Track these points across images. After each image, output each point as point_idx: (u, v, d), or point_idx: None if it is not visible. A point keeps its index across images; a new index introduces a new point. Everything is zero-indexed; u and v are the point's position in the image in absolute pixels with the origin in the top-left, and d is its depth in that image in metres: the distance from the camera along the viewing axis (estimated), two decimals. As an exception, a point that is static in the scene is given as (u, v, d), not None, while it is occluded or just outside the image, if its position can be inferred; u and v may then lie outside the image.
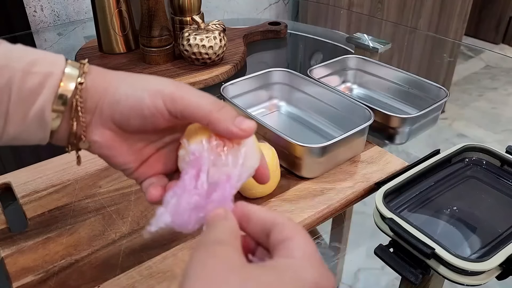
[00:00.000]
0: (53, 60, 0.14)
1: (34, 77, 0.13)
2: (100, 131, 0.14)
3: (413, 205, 0.24)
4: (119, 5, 0.39)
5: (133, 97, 0.14)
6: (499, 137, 0.53)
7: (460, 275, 0.19)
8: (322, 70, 0.34)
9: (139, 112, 0.14)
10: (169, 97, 0.13)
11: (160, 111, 0.14)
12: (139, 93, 0.14)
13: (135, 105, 0.14)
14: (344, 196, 0.24)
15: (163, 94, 0.14)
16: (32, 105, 0.13)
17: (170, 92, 0.14)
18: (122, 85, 0.14)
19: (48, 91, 0.13)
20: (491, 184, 0.25)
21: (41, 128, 0.14)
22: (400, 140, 0.29)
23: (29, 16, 0.47)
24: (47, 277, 0.20)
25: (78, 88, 0.13)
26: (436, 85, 0.31)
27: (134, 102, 0.14)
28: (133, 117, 0.14)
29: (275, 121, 0.32)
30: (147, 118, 0.14)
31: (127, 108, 0.14)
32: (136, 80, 0.14)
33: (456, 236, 0.22)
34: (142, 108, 0.14)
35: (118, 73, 0.15)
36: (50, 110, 0.13)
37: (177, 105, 0.13)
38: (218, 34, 0.37)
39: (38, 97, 0.13)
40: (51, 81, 0.13)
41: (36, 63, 0.13)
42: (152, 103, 0.13)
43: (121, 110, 0.14)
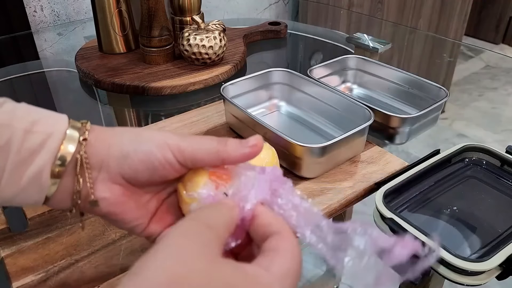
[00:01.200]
0: (55, 120, 0.13)
1: (35, 137, 0.13)
2: (108, 187, 0.14)
3: (413, 205, 0.24)
4: (119, 5, 0.39)
5: (142, 151, 0.14)
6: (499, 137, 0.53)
7: (460, 275, 0.19)
8: (322, 70, 0.34)
9: (149, 165, 0.14)
10: (176, 148, 0.14)
11: (170, 162, 0.14)
12: (146, 147, 0.14)
13: (144, 159, 0.14)
14: (344, 196, 0.24)
15: (170, 146, 0.14)
16: (30, 166, 0.13)
17: (176, 144, 0.14)
18: (126, 140, 0.14)
19: (47, 151, 0.13)
20: (491, 184, 0.25)
21: (38, 190, 0.13)
22: (400, 140, 0.29)
23: (29, 16, 0.47)
24: (47, 277, 0.20)
25: (83, 144, 0.13)
26: (436, 85, 0.31)
27: (143, 156, 0.14)
28: (142, 171, 0.14)
29: (275, 121, 0.32)
30: (157, 171, 0.14)
31: (136, 162, 0.14)
32: (138, 134, 0.14)
33: (456, 236, 0.22)
34: (152, 161, 0.14)
35: (118, 128, 0.14)
36: (49, 170, 0.13)
37: (185, 155, 0.14)
38: (218, 34, 0.37)
39: (36, 158, 0.13)
40: (52, 141, 0.13)
41: (38, 123, 0.13)
42: (162, 156, 0.14)
43: (130, 164, 0.14)
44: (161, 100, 0.36)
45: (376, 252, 0.12)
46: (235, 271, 0.10)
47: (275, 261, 0.11)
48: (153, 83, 0.35)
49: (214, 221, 0.11)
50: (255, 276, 0.10)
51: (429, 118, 0.30)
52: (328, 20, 0.67)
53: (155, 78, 0.36)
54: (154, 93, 0.35)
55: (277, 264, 0.11)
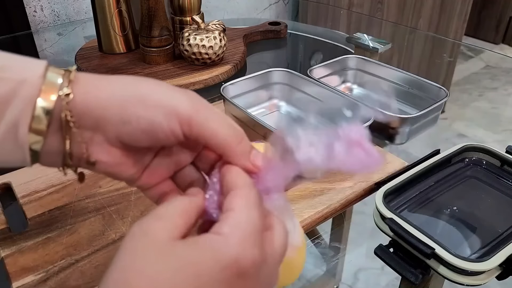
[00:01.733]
0: (30, 65, 0.11)
1: (2, 84, 0.10)
2: (106, 150, 0.12)
3: (413, 205, 0.24)
4: (119, 5, 0.38)
5: (146, 119, 0.11)
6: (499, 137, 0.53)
7: (460, 275, 0.19)
8: (322, 70, 0.34)
9: (152, 136, 0.12)
10: (186, 122, 0.11)
11: (176, 134, 0.12)
12: (152, 115, 0.11)
13: (148, 129, 0.11)
14: (344, 196, 0.24)
15: (180, 117, 0.11)
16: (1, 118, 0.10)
17: (188, 117, 0.11)
18: (129, 102, 0.11)
19: (20, 101, 0.10)
20: (491, 184, 0.25)
21: (18, 148, 0.11)
22: (400, 140, 0.29)
23: (29, 16, 0.47)
24: (47, 277, 0.20)
25: (65, 100, 0.11)
26: (436, 85, 0.31)
27: (147, 126, 0.11)
28: (144, 139, 0.12)
29: (275, 121, 0.32)
30: (160, 141, 0.12)
31: (138, 132, 0.11)
32: (145, 94, 0.11)
33: (456, 236, 0.22)
34: (157, 132, 0.11)
35: (115, 78, 0.12)
36: (26, 126, 0.10)
37: (194, 131, 0.12)
38: (218, 34, 0.37)
39: (7, 110, 0.10)
40: (25, 89, 0.10)
41: (7, 68, 0.10)
42: (169, 128, 0.11)
43: (130, 132, 0.12)
44: (161, 100, 0.36)
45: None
46: (187, 248, 0.09)
47: (227, 221, 0.10)
48: (153, 83, 0.36)
49: (161, 211, 0.10)
50: (207, 244, 0.09)
51: (429, 118, 0.30)
52: (328, 20, 0.67)
53: (155, 78, 0.36)
54: (154, 93, 0.36)
55: (228, 224, 0.10)
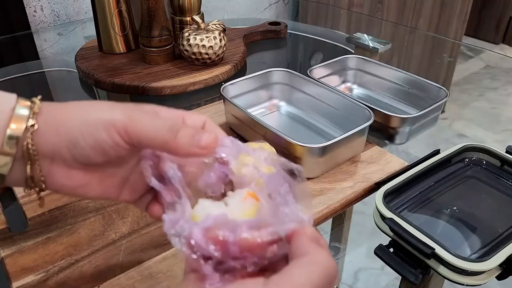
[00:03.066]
0: (2, 99, 0.13)
1: None
2: (66, 173, 0.13)
3: (413, 205, 0.24)
4: (119, 5, 0.38)
5: (90, 136, 0.13)
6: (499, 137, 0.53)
7: (460, 275, 0.19)
8: (322, 70, 0.34)
9: (99, 150, 0.13)
10: (122, 129, 0.13)
11: (119, 143, 0.13)
12: (94, 130, 0.13)
13: (94, 144, 0.13)
14: (344, 196, 0.24)
15: (116, 127, 0.13)
16: None
17: (123, 124, 0.13)
18: (75, 122, 0.13)
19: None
20: (491, 184, 0.25)
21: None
22: (400, 140, 0.29)
23: (29, 16, 0.47)
24: (47, 277, 0.20)
25: (30, 130, 0.12)
26: (436, 85, 0.31)
27: (92, 141, 0.13)
28: (95, 155, 0.13)
29: (275, 121, 0.32)
30: (110, 152, 0.13)
31: (86, 149, 0.13)
32: (87, 112, 0.13)
33: (456, 236, 0.22)
34: (102, 146, 0.13)
35: (67, 106, 0.13)
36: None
37: (132, 137, 0.13)
38: (218, 34, 0.37)
39: None
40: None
41: None
42: (110, 138, 0.13)
43: (81, 152, 0.13)
44: (161, 100, 0.35)
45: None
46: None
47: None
48: (153, 83, 0.35)
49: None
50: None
51: (429, 118, 0.30)
52: (328, 20, 0.67)
53: (155, 78, 0.36)
54: (154, 93, 0.35)
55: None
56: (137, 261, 0.20)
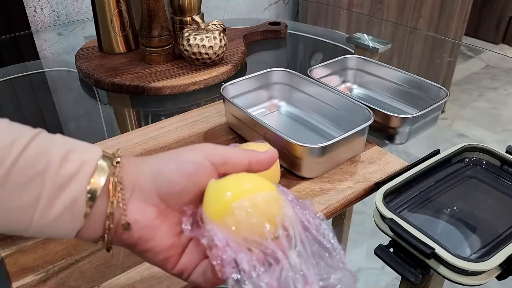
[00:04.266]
0: (90, 148, 0.14)
1: (71, 164, 0.13)
2: (141, 208, 0.14)
3: (413, 205, 0.24)
4: (119, 5, 0.38)
5: (173, 161, 0.14)
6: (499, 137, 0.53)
7: (460, 275, 0.19)
8: (322, 70, 0.34)
9: (182, 172, 0.14)
10: (207, 149, 0.14)
11: (203, 163, 0.14)
12: (177, 158, 0.14)
13: (178, 167, 0.14)
14: (344, 196, 0.24)
15: (200, 149, 0.14)
16: (65, 191, 0.13)
17: (206, 146, 0.15)
18: (156, 159, 0.14)
19: (82, 176, 0.13)
20: (491, 184, 0.25)
21: (72, 216, 0.13)
22: (400, 140, 0.29)
23: (29, 16, 0.47)
24: (47, 277, 0.20)
25: (117, 166, 0.14)
26: (436, 85, 0.31)
27: (175, 166, 0.14)
28: (177, 180, 0.14)
29: (275, 121, 0.32)
30: (191, 177, 0.14)
31: (169, 173, 0.14)
32: (167, 152, 0.15)
33: (456, 236, 0.22)
34: (185, 167, 0.14)
35: (147, 156, 0.15)
36: (84, 196, 0.13)
37: (218, 154, 0.14)
38: (218, 34, 0.37)
39: (72, 183, 0.13)
40: (87, 166, 0.13)
41: (73, 151, 0.13)
42: (194, 159, 0.14)
43: (164, 177, 0.14)
44: (161, 100, 0.35)
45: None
46: None
47: None
48: (153, 83, 0.35)
49: None
50: None
51: (429, 118, 0.30)
52: (328, 20, 0.67)
53: (155, 78, 0.36)
54: (154, 93, 0.35)
55: None
56: (137, 261, 0.20)
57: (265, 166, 0.15)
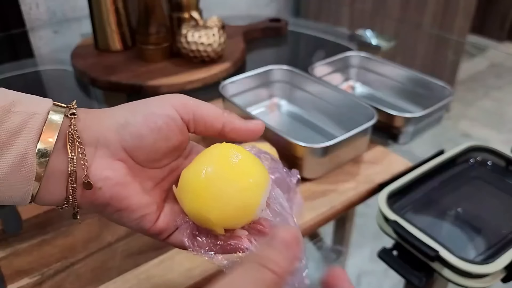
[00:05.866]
0: (38, 100, 0.12)
1: (15, 117, 0.11)
2: (109, 164, 0.12)
3: (417, 206, 0.23)
4: (116, 1, 0.38)
5: (142, 114, 0.12)
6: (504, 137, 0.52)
7: (464, 278, 0.19)
8: (324, 68, 0.33)
9: (152, 126, 0.12)
10: (179, 103, 0.13)
11: (173, 118, 0.12)
12: (146, 110, 0.12)
13: (146, 121, 0.12)
14: (346, 198, 0.24)
15: (172, 103, 0.13)
16: (10, 148, 0.11)
17: (179, 101, 0.13)
18: (121, 111, 0.13)
19: (30, 129, 0.11)
20: (496, 185, 0.25)
21: (22, 177, 0.11)
22: (404, 140, 0.29)
23: (24, 13, 0.46)
24: (43, 280, 0.19)
25: (72, 118, 0.12)
26: (441, 83, 0.31)
27: (144, 119, 0.12)
28: (146, 135, 0.12)
29: (275, 121, 0.31)
30: (161, 130, 0.12)
31: (137, 126, 0.12)
32: (134, 104, 0.13)
33: (461, 238, 0.22)
34: (155, 120, 0.12)
35: (109, 108, 0.13)
36: (34, 152, 0.11)
37: (188, 109, 0.13)
38: (217, 31, 0.36)
39: (17, 139, 0.11)
40: (35, 119, 0.11)
41: (18, 103, 0.11)
42: (165, 113, 0.12)
43: (131, 131, 0.12)
44: (159, 98, 0.35)
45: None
46: None
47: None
48: (150, 82, 0.35)
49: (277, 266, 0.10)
50: None
51: (434, 117, 0.30)
52: (330, 16, 0.66)
53: (152, 76, 0.35)
54: (152, 91, 0.35)
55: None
56: (134, 264, 0.20)
57: (242, 137, 0.13)
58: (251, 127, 0.13)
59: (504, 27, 1.22)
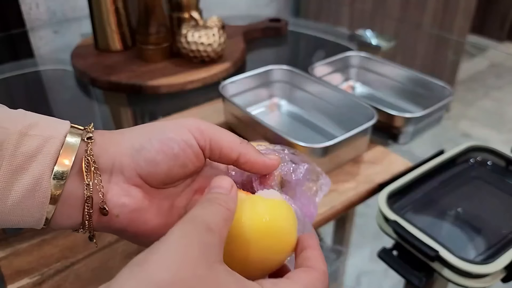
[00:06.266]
0: (55, 123, 0.12)
1: (32, 140, 0.11)
2: (125, 190, 0.12)
3: (417, 206, 0.23)
4: (116, 2, 0.38)
5: (157, 139, 0.12)
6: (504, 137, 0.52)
7: (464, 278, 0.19)
8: (324, 68, 0.33)
9: (168, 152, 0.12)
10: (195, 129, 0.13)
11: (190, 144, 0.12)
12: (162, 134, 0.12)
13: (162, 147, 0.12)
14: (346, 198, 0.24)
15: (188, 128, 0.12)
16: (26, 172, 0.11)
17: (196, 125, 0.13)
18: (137, 134, 0.12)
19: (46, 154, 0.11)
20: (496, 185, 0.25)
21: (36, 201, 0.11)
22: (404, 140, 0.29)
23: (24, 13, 0.46)
24: (43, 280, 0.19)
25: (88, 142, 0.12)
26: (441, 83, 0.31)
27: (160, 144, 0.12)
28: (161, 160, 0.12)
29: (275, 121, 0.31)
30: (177, 158, 0.12)
31: (153, 152, 0.12)
32: (150, 126, 0.13)
33: (461, 238, 0.22)
34: (171, 146, 0.12)
35: (125, 129, 0.13)
36: (49, 177, 0.11)
37: (205, 138, 0.12)
38: (217, 31, 0.36)
39: (33, 162, 0.11)
40: (51, 143, 0.11)
41: (35, 126, 0.11)
42: (181, 138, 0.12)
43: (146, 156, 0.12)
44: (159, 98, 0.35)
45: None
46: (232, 281, 0.10)
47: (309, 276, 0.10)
48: (150, 82, 0.35)
49: (214, 223, 0.10)
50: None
51: (434, 117, 0.30)
52: (330, 16, 0.66)
53: (152, 76, 0.35)
54: (151, 91, 0.35)
55: (310, 280, 0.10)
56: (134, 265, 0.20)
57: (255, 170, 0.13)
58: (267, 163, 0.13)
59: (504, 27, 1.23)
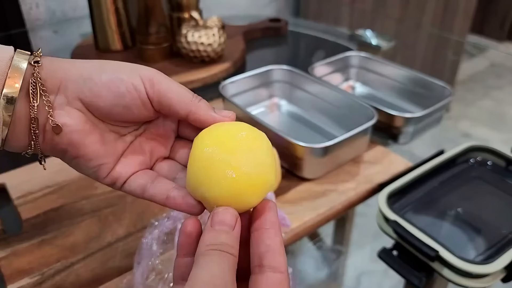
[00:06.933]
0: (1, 47, 0.11)
1: None
2: (67, 111, 0.12)
3: (417, 206, 0.23)
4: (116, 2, 0.38)
5: (107, 74, 0.12)
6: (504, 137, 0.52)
7: (464, 278, 0.19)
8: (324, 68, 0.33)
9: (114, 90, 0.12)
10: (148, 78, 0.12)
11: (138, 89, 0.12)
12: (113, 72, 0.12)
13: (109, 83, 0.12)
14: (346, 198, 0.24)
15: (141, 75, 0.12)
16: None
17: (149, 75, 0.12)
18: (88, 64, 0.12)
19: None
20: (496, 185, 0.25)
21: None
22: (404, 140, 0.29)
23: (25, 13, 0.46)
24: (43, 280, 0.19)
25: (35, 66, 0.11)
26: (441, 83, 0.31)
27: (108, 79, 0.12)
28: (105, 95, 0.12)
29: (275, 121, 0.31)
30: (123, 98, 0.12)
31: (99, 85, 0.12)
32: (105, 62, 0.12)
33: (461, 238, 0.22)
34: (118, 85, 0.12)
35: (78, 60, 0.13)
36: (0, 101, 0.11)
37: (155, 89, 0.12)
38: (217, 31, 0.36)
39: None
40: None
41: None
42: (130, 81, 0.12)
43: (91, 87, 0.12)
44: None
45: None
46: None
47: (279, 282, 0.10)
48: (151, 81, 0.35)
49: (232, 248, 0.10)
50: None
51: (434, 117, 0.30)
52: (330, 16, 0.65)
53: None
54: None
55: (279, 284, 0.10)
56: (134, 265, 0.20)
57: (203, 121, 0.12)
58: (217, 120, 0.12)
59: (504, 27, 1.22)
